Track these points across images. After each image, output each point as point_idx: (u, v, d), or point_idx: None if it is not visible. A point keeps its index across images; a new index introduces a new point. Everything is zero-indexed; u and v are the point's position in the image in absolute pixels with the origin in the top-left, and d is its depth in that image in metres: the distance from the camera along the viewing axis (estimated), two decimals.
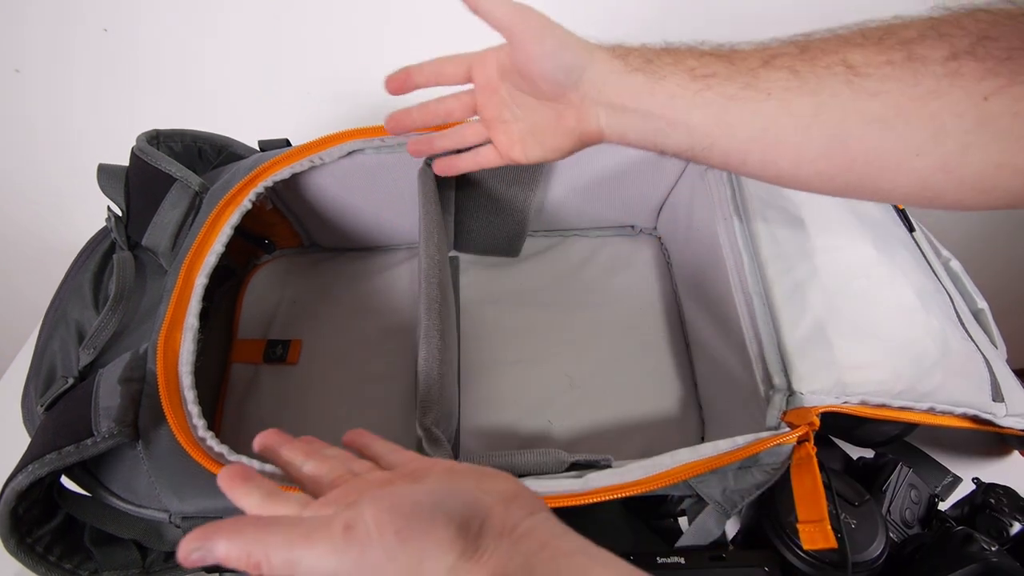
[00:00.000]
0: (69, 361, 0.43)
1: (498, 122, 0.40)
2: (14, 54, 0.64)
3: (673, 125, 0.34)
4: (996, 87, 0.26)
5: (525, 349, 0.58)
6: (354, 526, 0.24)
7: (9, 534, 0.35)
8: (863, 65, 0.29)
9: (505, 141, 0.41)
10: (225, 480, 0.27)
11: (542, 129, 0.39)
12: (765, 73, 0.31)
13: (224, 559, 0.24)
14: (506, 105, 0.39)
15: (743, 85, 0.31)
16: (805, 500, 0.38)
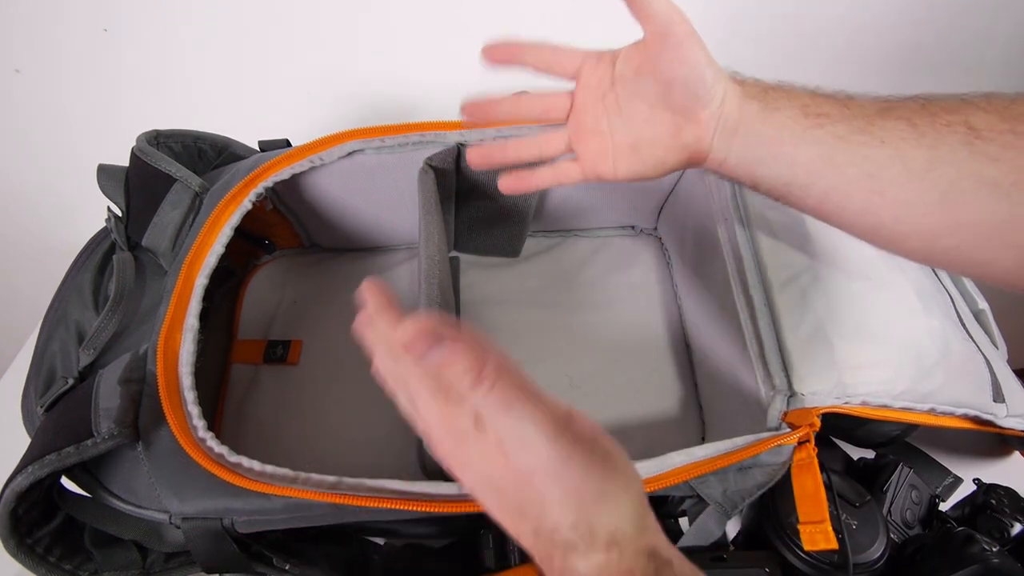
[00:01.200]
0: (69, 362, 0.42)
1: (593, 132, 0.37)
2: (14, 54, 0.64)
3: (776, 157, 0.33)
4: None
5: (525, 349, 0.58)
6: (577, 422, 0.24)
7: (9, 535, 0.35)
8: (986, 129, 0.28)
9: (597, 153, 0.37)
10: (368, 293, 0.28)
11: (650, 142, 0.36)
12: (881, 122, 0.30)
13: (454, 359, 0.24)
14: (607, 114, 0.36)
15: (856, 129, 0.31)
16: (806, 501, 0.38)
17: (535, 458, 0.23)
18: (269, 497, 0.35)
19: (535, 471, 0.23)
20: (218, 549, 0.37)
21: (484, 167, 0.42)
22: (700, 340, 0.56)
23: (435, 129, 0.48)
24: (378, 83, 0.72)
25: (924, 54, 0.75)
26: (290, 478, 0.35)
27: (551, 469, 0.23)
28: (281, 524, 0.36)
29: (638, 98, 0.35)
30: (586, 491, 0.23)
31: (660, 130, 0.35)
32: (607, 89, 0.36)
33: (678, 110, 0.34)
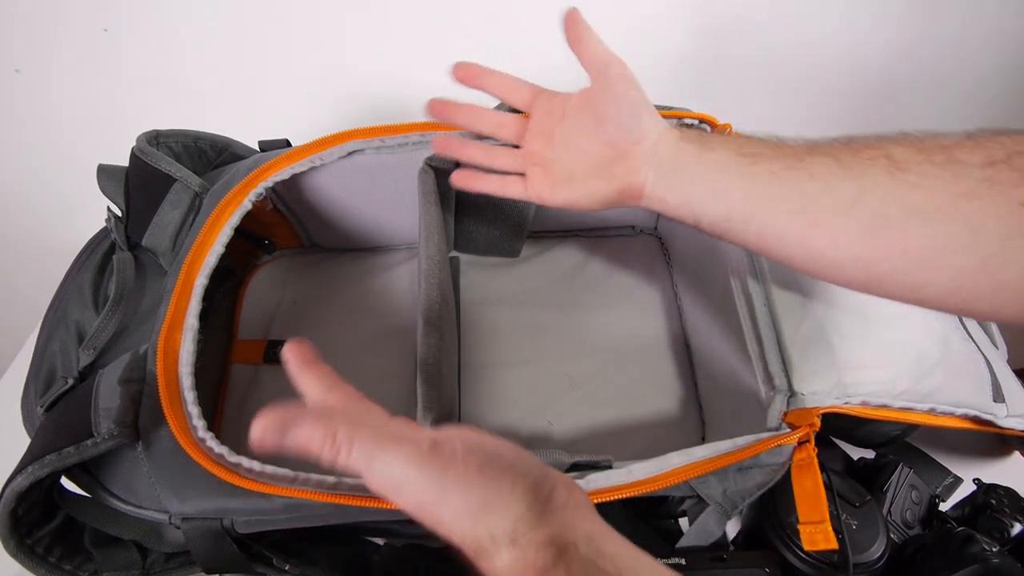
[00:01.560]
0: (69, 362, 0.42)
1: (539, 158, 0.41)
2: (14, 54, 0.64)
3: (715, 194, 0.35)
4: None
5: (525, 349, 0.58)
6: (442, 446, 0.26)
7: (9, 535, 0.35)
8: (904, 160, 0.30)
9: (540, 177, 0.41)
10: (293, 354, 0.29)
11: (583, 173, 0.39)
12: (810, 158, 0.32)
13: (305, 440, 0.25)
14: (553, 145, 0.40)
15: (788, 165, 0.33)
16: (806, 501, 0.38)
17: (413, 493, 0.25)
18: (269, 497, 0.35)
19: (420, 503, 0.25)
20: (218, 549, 0.37)
21: (442, 155, 0.46)
22: (700, 340, 0.56)
23: (435, 129, 0.48)
24: (378, 83, 0.72)
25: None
26: (290, 478, 0.35)
27: (431, 497, 0.25)
28: (281, 524, 0.36)
29: (579, 132, 0.39)
30: (471, 505, 0.25)
31: (594, 162, 0.39)
32: (556, 122, 0.40)
33: (611, 144, 0.38)
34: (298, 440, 0.25)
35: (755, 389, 0.43)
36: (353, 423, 0.26)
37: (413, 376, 0.42)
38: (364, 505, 0.34)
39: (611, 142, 0.38)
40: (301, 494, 0.34)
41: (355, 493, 0.34)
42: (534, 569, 0.24)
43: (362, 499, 0.34)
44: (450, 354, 0.46)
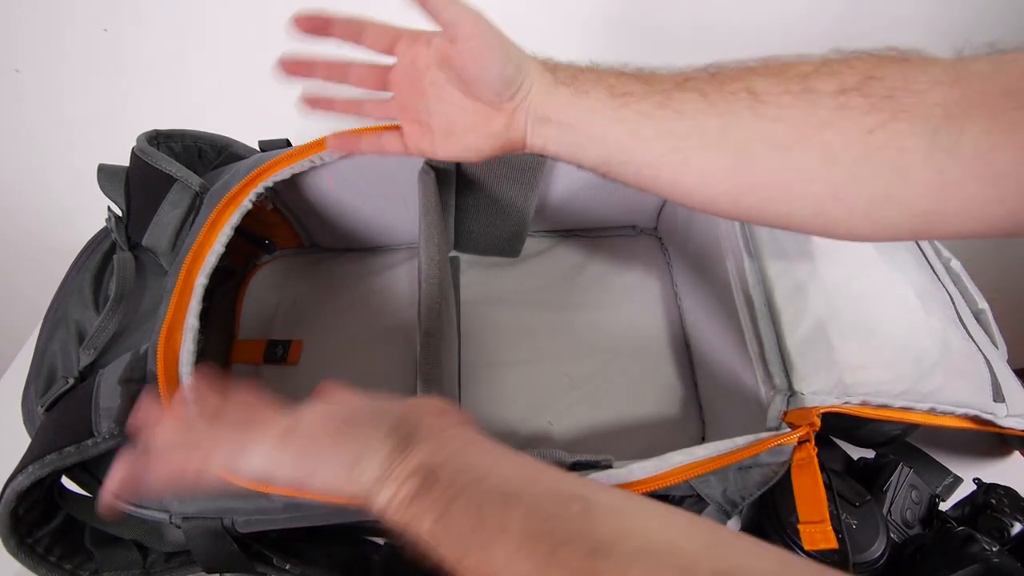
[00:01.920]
0: (69, 361, 0.42)
1: (413, 112, 0.39)
2: (14, 54, 0.64)
3: (591, 139, 0.35)
4: (879, 122, 0.28)
5: (525, 349, 0.58)
6: (295, 427, 0.28)
7: (9, 535, 0.35)
8: (764, 93, 0.31)
9: (417, 131, 0.39)
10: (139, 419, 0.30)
11: (463, 128, 0.38)
12: (679, 95, 0.33)
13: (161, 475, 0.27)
14: (426, 95, 0.38)
15: (657, 104, 0.33)
16: (806, 501, 0.38)
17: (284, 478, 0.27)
18: (269, 497, 0.35)
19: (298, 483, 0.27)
20: (218, 549, 0.37)
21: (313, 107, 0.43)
22: (700, 340, 0.56)
23: None
24: None
25: None
26: None
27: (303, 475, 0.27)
28: (281, 524, 0.36)
29: (451, 85, 0.37)
30: (340, 467, 0.27)
31: (471, 118, 0.37)
32: (425, 69, 0.38)
33: (483, 101, 0.36)
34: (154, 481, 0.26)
35: (755, 389, 0.43)
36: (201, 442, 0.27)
37: (413, 376, 0.42)
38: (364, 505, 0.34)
39: (483, 99, 0.36)
40: (301, 494, 0.34)
41: None
42: (405, 497, 0.26)
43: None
44: (450, 354, 0.46)
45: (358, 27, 0.38)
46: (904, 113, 0.27)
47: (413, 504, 0.26)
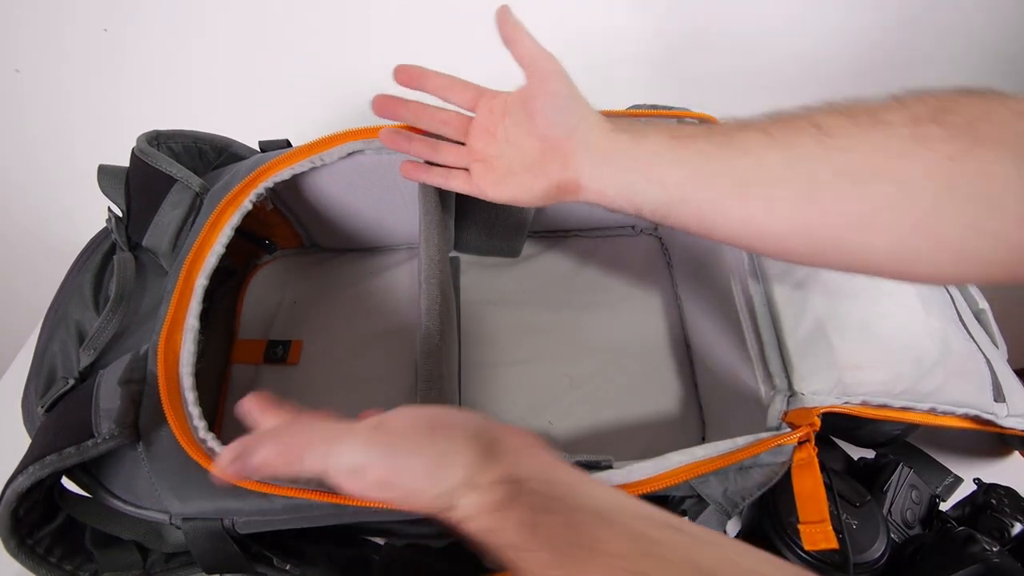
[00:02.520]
0: (69, 362, 0.42)
1: (482, 154, 0.42)
2: (14, 54, 0.64)
3: (650, 180, 0.35)
4: (961, 149, 0.27)
5: (525, 349, 0.58)
6: (383, 424, 0.29)
7: (10, 535, 0.35)
8: (832, 126, 0.30)
9: (482, 172, 0.42)
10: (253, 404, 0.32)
11: (521, 167, 0.40)
12: (740, 135, 0.33)
13: (263, 459, 0.27)
14: (496, 142, 0.41)
15: (719, 144, 0.33)
16: (806, 501, 0.38)
17: (373, 473, 0.27)
18: (269, 498, 0.35)
19: (382, 481, 0.27)
20: (218, 549, 0.37)
21: (392, 147, 0.46)
22: (700, 340, 0.56)
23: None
24: (378, 83, 0.72)
25: None
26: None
27: (389, 470, 0.27)
28: (281, 524, 0.36)
29: (517, 128, 0.40)
30: (426, 466, 0.27)
31: (530, 157, 0.39)
32: (498, 120, 0.41)
33: (543, 139, 0.38)
34: (258, 461, 0.27)
35: (755, 389, 0.43)
36: (303, 432, 0.28)
37: (413, 376, 0.42)
38: (364, 505, 0.34)
39: (543, 136, 0.38)
40: (301, 494, 0.34)
41: None
42: (492, 505, 0.26)
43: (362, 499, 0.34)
44: (450, 354, 0.46)
45: (449, 84, 0.42)
46: (987, 141, 0.26)
47: (498, 513, 0.26)
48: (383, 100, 0.44)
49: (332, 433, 0.28)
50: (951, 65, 0.76)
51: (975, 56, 0.75)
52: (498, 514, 0.26)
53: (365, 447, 0.27)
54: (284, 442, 0.27)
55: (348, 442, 0.28)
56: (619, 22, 0.68)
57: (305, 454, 0.27)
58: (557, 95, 0.38)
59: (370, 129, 0.49)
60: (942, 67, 0.76)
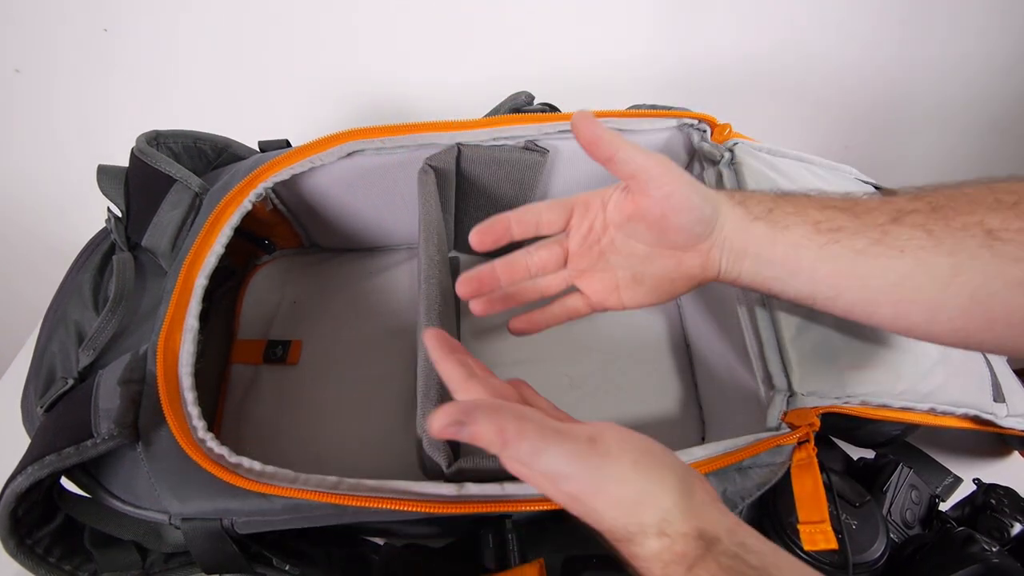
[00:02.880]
0: (69, 362, 0.42)
1: (593, 271, 0.39)
2: (14, 54, 0.64)
3: (794, 274, 0.33)
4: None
5: (525, 349, 0.58)
6: (598, 441, 0.28)
7: (9, 536, 0.35)
8: (1002, 230, 0.28)
9: (601, 290, 0.39)
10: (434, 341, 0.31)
11: (652, 276, 0.37)
12: (895, 230, 0.31)
13: (477, 434, 0.27)
14: (606, 256, 0.38)
15: (873, 241, 0.31)
16: (806, 501, 0.38)
17: (572, 485, 0.27)
18: (269, 498, 0.35)
19: (577, 494, 0.27)
20: (218, 550, 0.37)
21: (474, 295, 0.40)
22: (700, 340, 0.56)
23: (435, 130, 0.48)
24: (378, 83, 0.72)
25: None
26: (290, 479, 0.35)
27: (589, 489, 0.27)
28: (281, 525, 0.36)
29: (634, 239, 0.36)
30: (626, 498, 0.27)
31: (661, 265, 0.36)
32: (600, 234, 0.37)
33: (677, 247, 0.35)
34: (472, 434, 0.27)
35: (755, 389, 0.43)
36: (520, 419, 0.27)
37: (413, 376, 0.42)
38: (364, 505, 0.34)
39: (677, 246, 0.35)
40: (301, 494, 0.34)
41: (355, 493, 0.34)
42: (684, 559, 0.26)
43: (362, 499, 0.34)
44: None
45: (536, 219, 0.37)
46: None
47: (684, 567, 0.26)
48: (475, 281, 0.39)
49: (547, 431, 0.27)
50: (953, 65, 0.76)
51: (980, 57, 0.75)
52: (682, 568, 0.26)
53: (575, 459, 0.27)
54: (501, 424, 0.27)
55: (560, 447, 0.27)
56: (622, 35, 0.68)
57: (518, 443, 0.27)
58: (690, 206, 0.33)
59: (370, 129, 0.49)
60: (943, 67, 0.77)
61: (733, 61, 0.74)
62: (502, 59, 0.69)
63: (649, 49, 0.71)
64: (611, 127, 0.49)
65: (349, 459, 0.51)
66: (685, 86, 0.75)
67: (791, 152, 0.52)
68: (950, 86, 0.78)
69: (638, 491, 0.27)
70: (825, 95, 0.79)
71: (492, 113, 0.51)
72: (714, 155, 0.49)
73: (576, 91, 0.69)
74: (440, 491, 0.34)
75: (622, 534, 0.27)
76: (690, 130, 0.51)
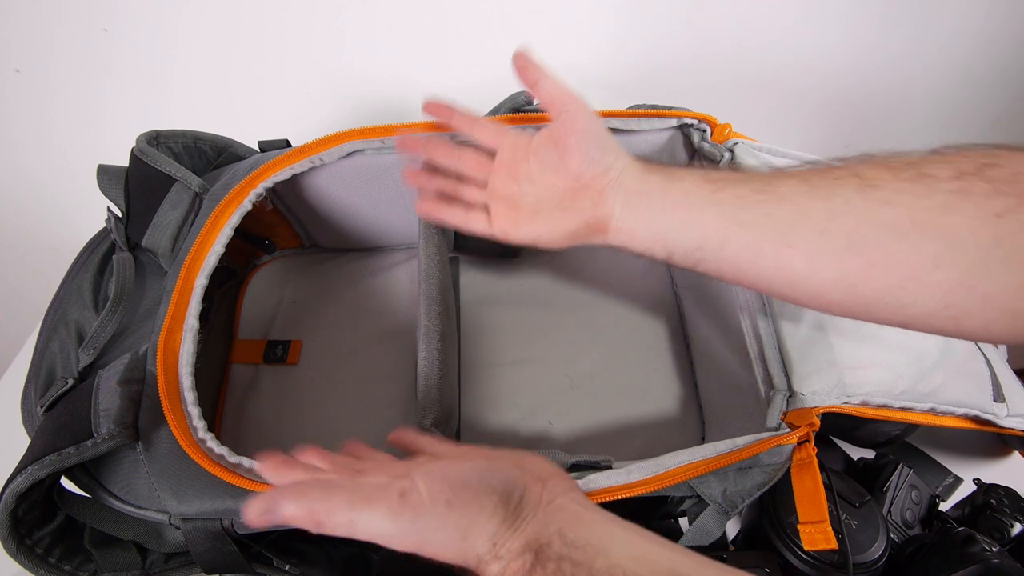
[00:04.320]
0: (69, 362, 0.42)
1: (503, 193, 0.41)
2: (14, 54, 0.64)
3: (685, 222, 0.34)
4: (1007, 206, 0.26)
5: (525, 349, 0.58)
6: (408, 493, 0.28)
7: (9, 536, 0.35)
8: (874, 178, 0.29)
9: (504, 212, 0.41)
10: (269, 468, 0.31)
11: (551, 206, 0.39)
12: (777, 181, 0.32)
13: (290, 518, 0.27)
14: (520, 179, 0.40)
15: (756, 189, 0.32)
16: (806, 501, 0.38)
17: (399, 543, 0.28)
18: None
19: (409, 547, 0.28)
20: (218, 550, 0.37)
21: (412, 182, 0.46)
22: (700, 340, 0.56)
23: (435, 130, 0.48)
24: (378, 83, 0.72)
25: None
26: None
27: (415, 541, 0.28)
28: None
29: (544, 166, 0.39)
30: (451, 536, 0.27)
31: (559, 195, 0.39)
32: (521, 159, 0.40)
33: (576, 176, 0.38)
34: (285, 519, 0.27)
35: (755, 389, 0.43)
36: (326, 493, 0.28)
37: (413, 376, 0.42)
38: None
39: (576, 174, 0.38)
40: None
41: None
42: (517, 572, 0.27)
43: None
44: (450, 354, 0.46)
45: (472, 121, 0.43)
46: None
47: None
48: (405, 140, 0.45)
49: (356, 499, 0.28)
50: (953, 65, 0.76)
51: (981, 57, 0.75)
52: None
53: (390, 520, 0.27)
54: (308, 505, 0.27)
55: (372, 512, 0.27)
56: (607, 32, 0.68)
57: (329, 519, 0.27)
58: (590, 132, 0.37)
59: (370, 129, 0.49)
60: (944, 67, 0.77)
61: (733, 61, 0.74)
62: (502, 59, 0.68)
63: (649, 49, 0.71)
64: (612, 127, 0.50)
65: None
66: (685, 86, 0.75)
67: (791, 152, 0.52)
68: (950, 86, 0.78)
69: (460, 528, 0.28)
70: (825, 94, 0.79)
71: (491, 113, 0.51)
72: (714, 155, 0.49)
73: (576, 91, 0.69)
74: None
75: (471, 563, 0.28)
76: (690, 130, 0.51)
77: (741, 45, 0.72)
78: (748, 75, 0.75)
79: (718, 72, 0.75)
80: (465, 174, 0.44)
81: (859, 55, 0.74)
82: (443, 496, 0.28)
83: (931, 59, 0.75)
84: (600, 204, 0.37)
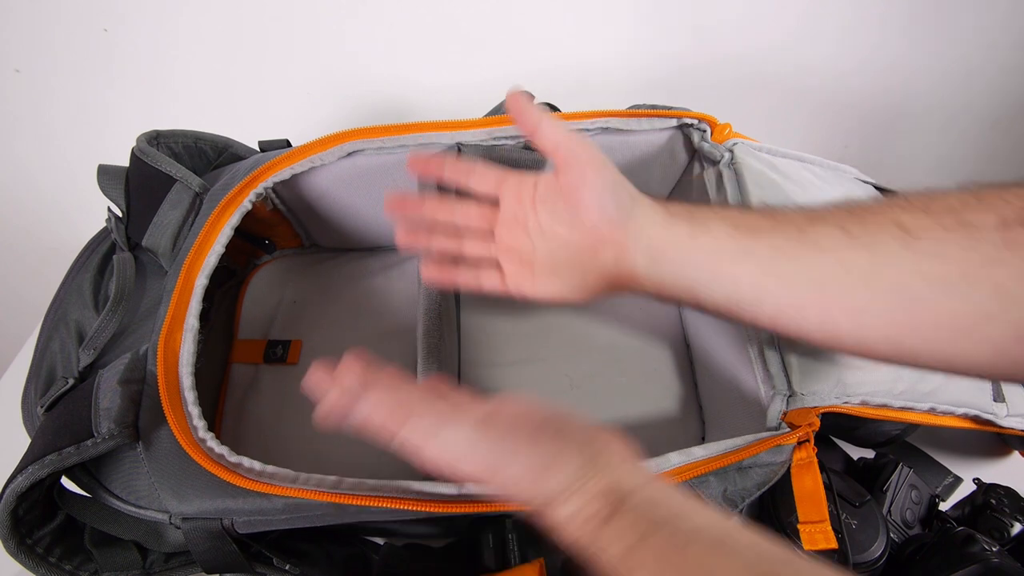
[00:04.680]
0: (69, 362, 0.42)
1: (514, 250, 0.38)
2: (14, 54, 0.64)
3: (717, 276, 0.32)
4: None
5: (524, 349, 0.58)
6: (493, 417, 0.28)
7: (9, 535, 0.35)
8: (916, 228, 0.28)
9: (518, 269, 0.38)
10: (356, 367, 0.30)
11: (570, 263, 0.36)
12: (813, 229, 0.30)
13: (368, 415, 0.27)
14: (530, 233, 0.37)
15: (791, 238, 0.30)
16: (806, 501, 0.38)
17: (472, 465, 0.27)
18: (269, 497, 0.35)
19: (479, 473, 0.27)
20: (218, 549, 0.37)
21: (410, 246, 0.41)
22: (700, 340, 0.56)
23: (435, 130, 0.48)
24: (378, 84, 0.72)
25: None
26: (291, 478, 0.35)
27: (490, 467, 0.27)
28: (281, 524, 0.36)
29: (557, 219, 0.36)
30: (529, 468, 0.27)
31: (577, 251, 0.36)
32: (528, 208, 0.37)
33: (592, 230, 0.35)
34: (364, 410, 0.27)
35: (755, 389, 0.43)
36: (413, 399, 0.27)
37: (413, 376, 0.42)
38: (364, 505, 0.34)
39: (592, 228, 0.35)
40: (301, 494, 0.34)
41: (355, 493, 0.34)
42: (597, 516, 0.26)
43: (362, 499, 0.34)
44: (450, 354, 0.46)
45: (467, 170, 0.39)
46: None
47: (602, 527, 0.26)
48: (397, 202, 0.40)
49: (442, 411, 0.27)
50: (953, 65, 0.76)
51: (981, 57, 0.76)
52: (598, 525, 0.26)
53: (472, 438, 0.27)
54: (396, 400, 0.26)
55: (457, 426, 0.27)
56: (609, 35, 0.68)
57: (410, 424, 0.26)
58: (604, 184, 0.34)
59: (370, 129, 0.49)
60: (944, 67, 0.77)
61: (733, 61, 0.74)
62: (502, 59, 0.69)
63: (650, 49, 0.72)
64: (612, 127, 0.50)
65: (349, 458, 0.51)
66: (685, 86, 0.75)
67: (791, 152, 0.52)
68: (950, 86, 0.79)
69: (540, 461, 0.27)
70: (825, 95, 0.79)
71: (492, 113, 0.51)
72: (714, 155, 0.49)
73: (576, 91, 0.70)
74: (440, 490, 0.34)
75: (538, 502, 0.27)
76: (690, 130, 0.51)
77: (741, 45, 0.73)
78: (748, 75, 0.75)
79: (718, 72, 0.75)
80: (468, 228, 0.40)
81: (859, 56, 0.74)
82: (527, 428, 0.28)
83: (931, 59, 0.75)
84: (623, 259, 0.34)
